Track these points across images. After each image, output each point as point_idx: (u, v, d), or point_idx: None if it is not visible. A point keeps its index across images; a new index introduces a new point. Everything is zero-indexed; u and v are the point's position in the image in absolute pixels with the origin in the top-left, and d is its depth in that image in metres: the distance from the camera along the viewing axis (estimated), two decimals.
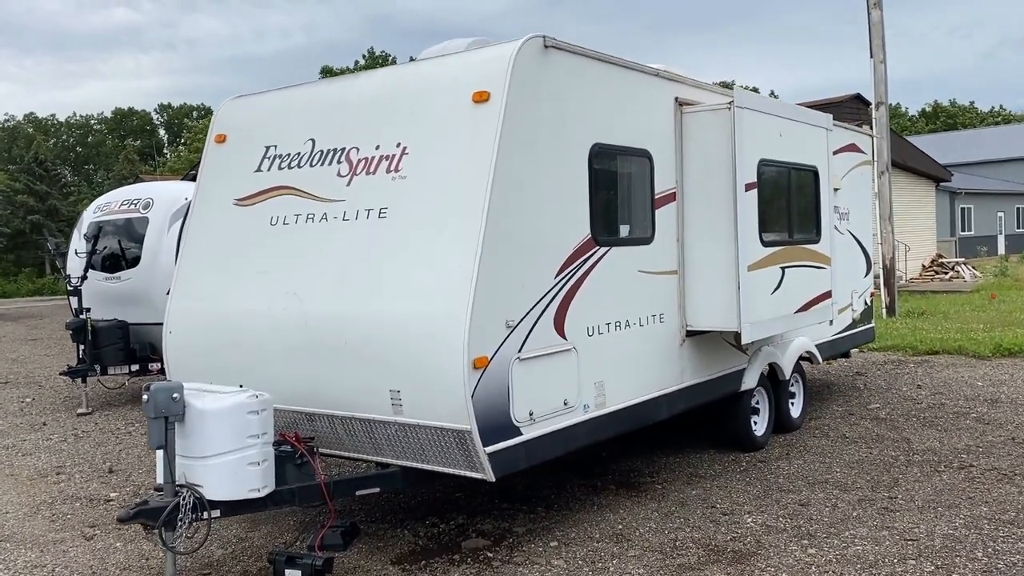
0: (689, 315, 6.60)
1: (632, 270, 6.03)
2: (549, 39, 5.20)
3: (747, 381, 7.49)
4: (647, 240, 6.22)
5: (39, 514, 6.70)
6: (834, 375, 11.56)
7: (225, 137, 6.35)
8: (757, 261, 6.67)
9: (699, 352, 6.79)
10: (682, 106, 6.57)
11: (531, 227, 5.11)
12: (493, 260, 4.78)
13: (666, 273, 6.41)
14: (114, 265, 11.38)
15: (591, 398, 5.58)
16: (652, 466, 7.34)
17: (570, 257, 5.40)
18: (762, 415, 7.96)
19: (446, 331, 4.70)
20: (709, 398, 7.05)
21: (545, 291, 5.19)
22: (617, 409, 5.83)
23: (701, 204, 6.52)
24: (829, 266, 7.94)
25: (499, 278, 4.84)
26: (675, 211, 6.50)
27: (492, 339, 4.79)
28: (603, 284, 5.68)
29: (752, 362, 7.56)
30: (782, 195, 7.27)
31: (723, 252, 6.44)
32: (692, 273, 6.57)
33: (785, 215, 7.33)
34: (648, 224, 6.26)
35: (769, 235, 6.92)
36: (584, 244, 5.52)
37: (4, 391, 12.71)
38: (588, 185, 5.56)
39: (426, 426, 4.89)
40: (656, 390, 6.28)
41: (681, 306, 6.55)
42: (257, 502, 4.83)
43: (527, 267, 5.07)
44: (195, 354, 6.08)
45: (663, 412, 6.41)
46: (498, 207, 4.82)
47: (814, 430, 8.50)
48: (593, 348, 5.58)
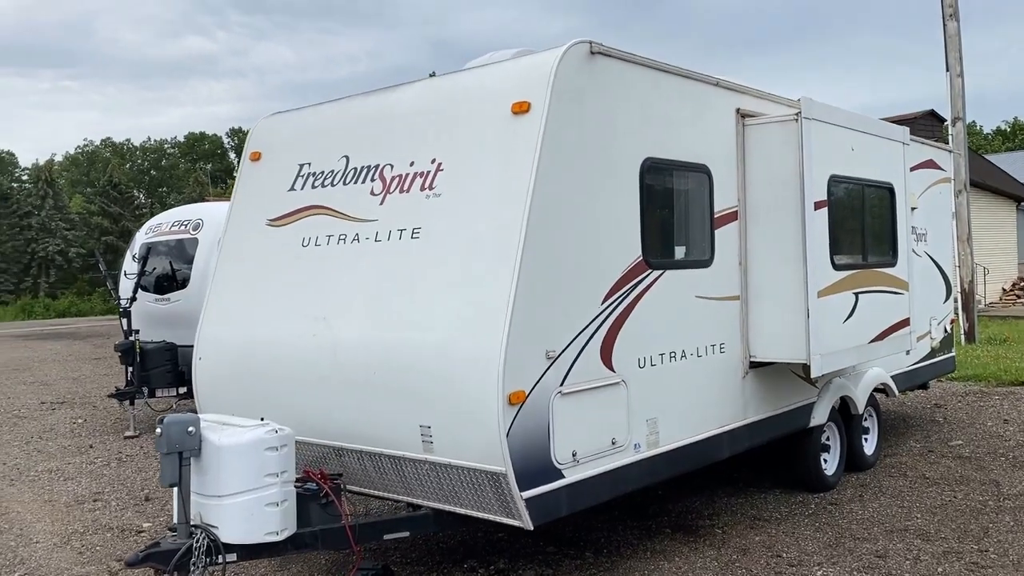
0: (753, 345, 6.06)
1: (689, 296, 5.54)
2: (596, 45, 4.78)
3: (816, 416, 6.89)
4: (706, 263, 5.73)
5: (68, 545, 6.47)
6: (910, 407, 10.79)
7: (260, 155, 6.09)
8: (828, 286, 6.10)
9: (764, 385, 6.24)
10: (744, 118, 6.07)
11: (575, 248, 4.68)
12: (532, 285, 4.36)
13: (727, 299, 5.89)
14: (164, 286, 11.29)
15: (643, 437, 5.09)
16: (711, 507, 6.78)
17: (619, 281, 4.94)
18: (832, 453, 7.34)
19: (478, 362, 4.28)
20: (775, 435, 6.48)
21: (591, 319, 4.74)
22: (672, 449, 5.33)
23: (766, 224, 6.00)
24: (907, 291, 7.31)
25: (538, 304, 4.41)
26: (737, 232, 5.99)
27: (530, 372, 4.36)
28: (656, 311, 5.21)
29: (822, 396, 6.96)
30: (855, 214, 6.69)
31: (790, 276, 5.90)
32: (756, 299, 6.04)
33: (858, 236, 6.74)
34: (707, 246, 5.76)
35: (841, 258, 6.35)
36: (635, 267, 5.06)
37: (60, 412, 12.74)
38: (639, 203, 5.10)
39: (458, 466, 4.47)
40: (716, 427, 5.76)
41: (744, 335, 6.03)
42: (276, 546, 4.47)
43: (570, 292, 4.64)
44: (224, 382, 5.78)
45: (724, 451, 5.88)
46: (538, 227, 4.40)
47: (890, 469, 7.82)
48: (645, 381, 5.10)
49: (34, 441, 10.52)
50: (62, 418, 12.15)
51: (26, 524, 7.02)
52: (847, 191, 6.54)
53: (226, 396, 5.71)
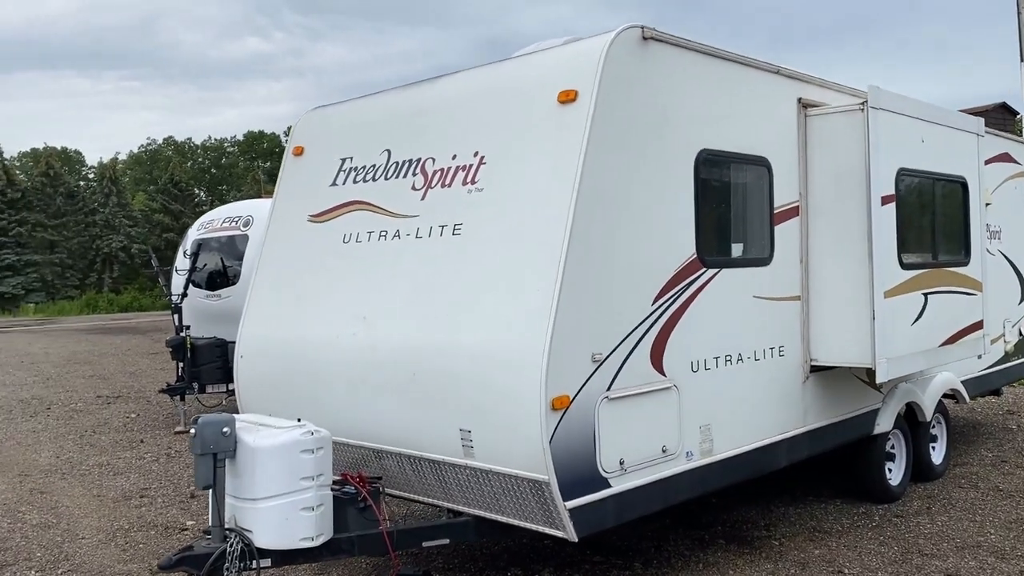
0: (814, 348, 5.74)
1: (746, 296, 5.25)
2: (648, 29, 4.53)
3: (881, 423, 6.53)
4: (764, 261, 5.43)
5: (113, 542, 6.44)
6: (981, 413, 10.27)
7: (303, 150, 5.96)
8: (895, 286, 5.75)
9: (825, 390, 5.91)
10: (806, 108, 5.74)
11: (624, 245, 4.43)
12: (577, 283, 4.13)
13: (787, 299, 5.58)
14: (214, 282, 11.32)
15: (695, 444, 4.83)
16: (768, 517, 6.47)
17: (671, 280, 4.68)
18: (898, 461, 6.96)
19: (520, 365, 4.07)
20: (836, 443, 6.14)
21: (640, 320, 4.50)
22: (727, 457, 5.05)
23: (829, 220, 5.67)
24: (980, 292, 6.88)
25: (585, 304, 4.18)
26: (798, 228, 5.68)
27: (575, 375, 4.13)
28: (711, 312, 4.93)
29: (887, 401, 6.59)
30: (925, 210, 6.31)
31: (855, 276, 5.56)
32: (818, 299, 5.71)
33: (928, 233, 6.36)
34: (766, 243, 5.46)
35: (909, 256, 5.98)
36: (688, 265, 4.80)
37: (114, 406, 12.89)
38: (693, 197, 4.84)
39: (499, 473, 4.26)
40: (774, 434, 5.45)
41: (805, 337, 5.71)
42: (312, 552, 4.33)
43: (619, 292, 4.40)
44: (265, 381, 5.67)
45: (782, 459, 5.57)
46: (584, 222, 4.17)
47: (960, 479, 7.40)
48: (698, 386, 4.84)
49: (88, 435, 10.63)
50: (116, 412, 12.29)
51: (74, 519, 7.03)
52: (917, 185, 6.16)
53: (267, 395, 5.60)
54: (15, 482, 8.27)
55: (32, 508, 7.36)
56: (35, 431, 10.95)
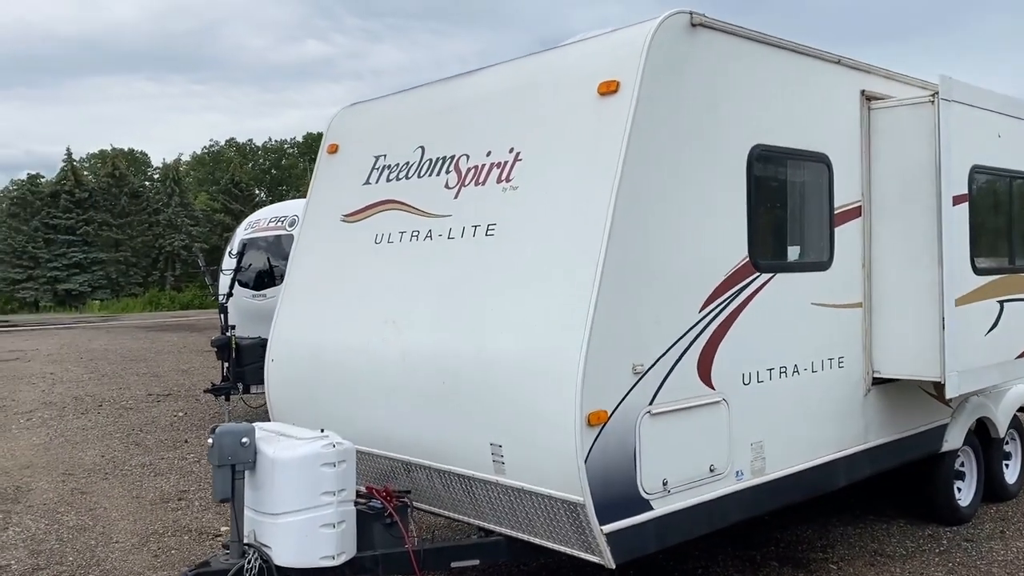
0: (877, 359, 5.33)
1: (803, 302, 4.88)
2: (697, 16, 4.19)
3: (950, 440, 6.07)
4: (823, 265, 5.04)
5: (145, 547, 6.33)
6: None
7: (337, 147, 5.76)
8: (968, 293, 5.31)
9: (889, 404, 5.49)
10: (870, 100, 5.33)
11: (669, 248, 4.11)
12: (617, 289, 3.83)
13: (848, 306, 5.19)
14: (260, 282, 11.25)
15: (746, 463, 4.48)
16: (826, 537, 6.06)
17: (721, 286, 4.35)
18: (968, 481, 6.48)
19: (554, 377, 3.78)
20: (900, 460, 5.71)
21: (686, 328, 4.17)
22: (780, 476, 4.68)
23: (894, 221, 5.26)
24: None
25: (625, 312, 3.88)
26: (860, 230, 5.28)
27: (614, 388, 3.83)
28: (765, 320, 4.58)
29: (957, 416, 6.13)
30: (1002, 211, 5.84)
31: (923, 281, 5.14)
32: (882, 307, 5.30)
33: (1005, 236, 5.89)
34: (825, 245, 5.07)
35: (984, 261, 5.53)
36: (740, 270, 4.45)
37: (164, 404, 12.94)
38: (746, 196, 4.49)
39: (531, 492, 3.98)
40: (832, 452, 5.07)
41: (867, 347, 5.30)
42: (333, 571, 4.10)
43: (662, 298, 4.08)
44: (295, 387, 5.48)
45: (840, 479, 5.18)
46: (625, 223, 3.86)
47: None
48: (750, 400, 4.48)
49: (135, 434, 10.65)
50: (164, 411, 12.33)
51: (110, 522, 6.96)
52: (993, 184, 5.69)
53: (296, 402, 5.41)
54: (58, 482, 8.26)
55: (71, 509, 7.31)
56: (84, 428, 11.02)
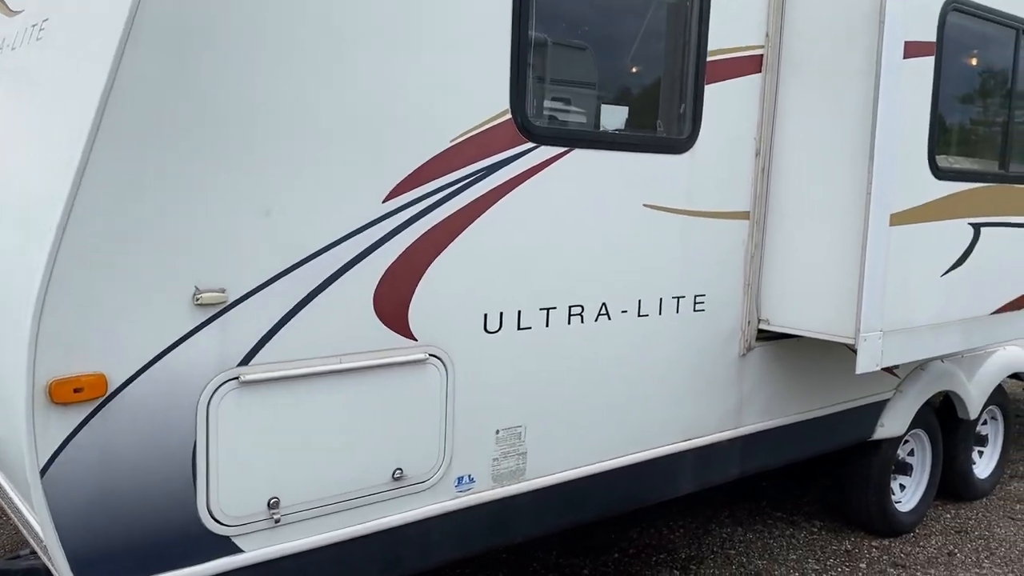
0: (767, 303, 3.43)
1: (628, 202, 2.95)
2: None
3: (888, 423, 4.21)
4: (677, 144, 3.09)
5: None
6: None
7: None
8: (917, 208, 3.34)
9: (785, 370, 3.62)
10: None
11: (279, 83, 2.19)
12: (130, 148, 1.93)
13: (721, 215, 3.26)
14: None
15: (483, 463, 2.65)
16: (698, 543, 4.30)
17: (435, 162, 2.43)
18: (916, 476, 4.65)
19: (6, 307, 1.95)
20: (802, 454, 3.87)
21: (349, 231, 2.29)
22: (555, 483, 2.86)
23: (815, 83, 3.27)
24: None
25: (157, 188, 1.99)
26: (756, 94, 3.30)
27: (131, 331, 1.98)
28: (539, 225, 2.69)
29: (904, 390, 4.25)
30: (993, 83, 3.80)
31: (844, 183, 3.18)
32: (783, 221, 3.37)
33: (996, 124, 3.86)
34: (683, 112, 3.11)
35: (952, 160, 3.55)
36: (486, 135, 2.52)
37: None
38: (513, 7, 2.52)
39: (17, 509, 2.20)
40: (670, 443, 3.22)
41: (751, 284, 3.39)
42: None
43: (283, 171, 2.17)
44: None
45: (684, 483, 3.34)
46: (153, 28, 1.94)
47: (1012, 502, 5.06)
48: (498, 359, 2.63)
49: None
50: None
51: None
52: (981, 36, 3.64)
53: None
54: None
55: None
56: None
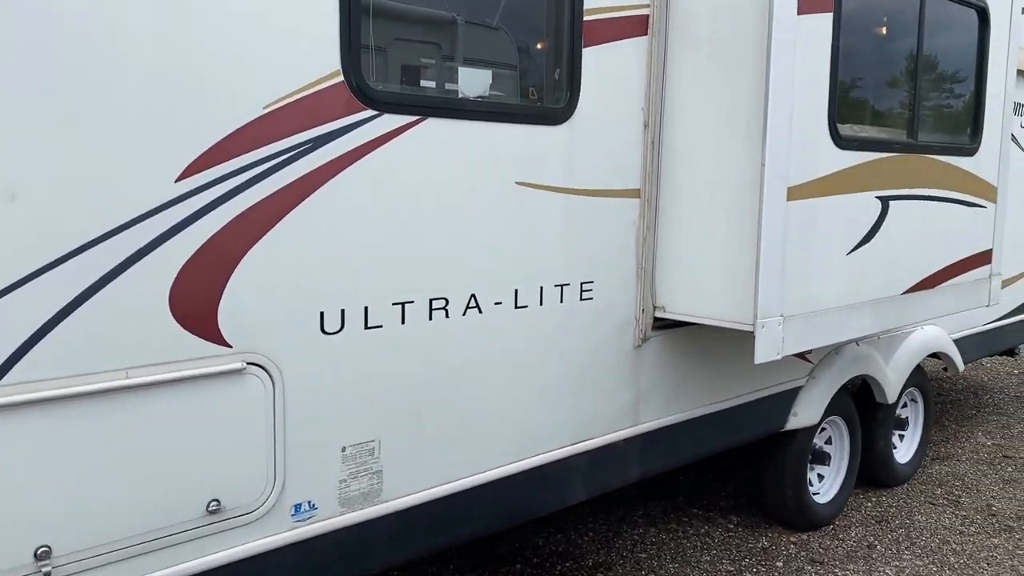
0: (662, 289, 3.12)
1: (497, 178, 2.61)
2: None
3: (802, 412, 3.97)
4: (553, 115, 2.76)
5: None
6: (987, 371, 7.67)
7: None
8: (817, 180, 3.07)
9: (687, 361, 3.33)
10: None
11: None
12: None
13: (607, 193, 2.94)
14: None
15: (326, 486, 2.29)
16: (607, 548, 4.00)
17: (252, 129, 2.06)
18: (834, 465, 4.43)
19: None
20: (709, 450, 3.60)
21: (130, 218, 1.90)
22: (422, 503, 2.51)
23: (700, 45, 2.97)
24: (993, 203, 4.18)
25: None
26: (643, 58, 2.98)
27: None
28: (387, 205, 2.34)
29: (817, 376, 4.01)
30: (898, 43, 3.55)
31: (736, 156, 2.89)
32: (676, 199, 3.06)
33: (903, 93, 3.62)
34: (559, 77, 2.78)
35: (856, 128, 3.29)
36: (312, 98, 2.15)
37: None
38: None
39: None
40: (558, 446, 2.90)
41: (644, 268, 3.08)
42: None
43: (42, 133, 1.78)
44: None
45: (577, 490, 3.03)
46: None
47: (934, 487, 4.89)
48: (342, 364, 2.27)
49: None
50: None
51: None
52: None
53: None
54: None
55: None
56: None
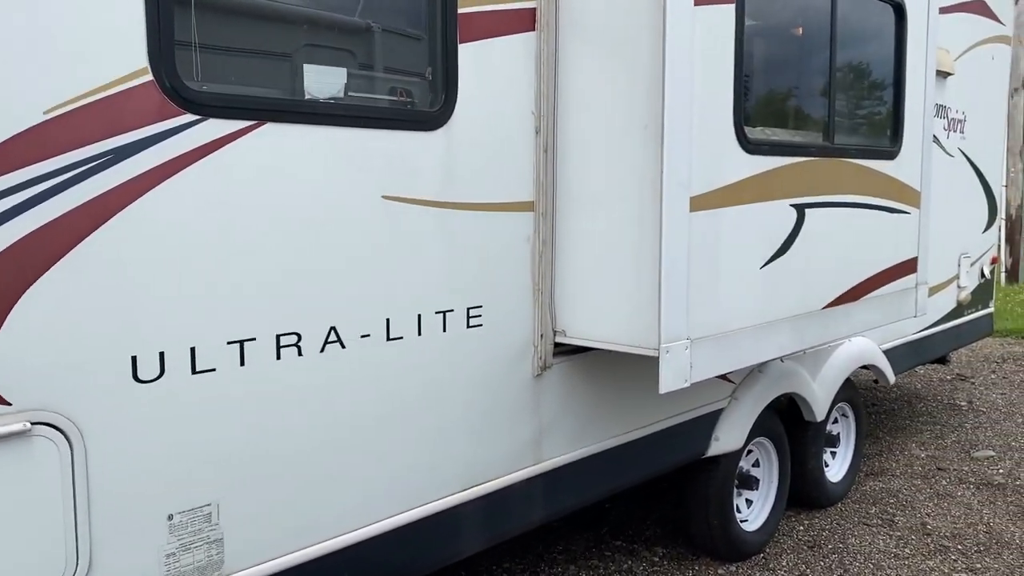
0: (563, 312, 2.82)
1: (359, 192, 2.28)
2: None
3: (724, 436, 3.70)
4: (426, 119, 2.44)
5: None
6: (920, 379, 7.55)
7: None
8: (725, 188, 2.80)
9: (592, 389, 3.02)
10: None
11: None
12: None
13: (493, 207, 2.63)
14: None
15: (148, 562, 1.93)
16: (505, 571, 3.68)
17: (29, 140, 1.70)
18: (762, 490, 4.17)
19: None
20: (626, 483, 3.30)
21: None
22: (274, 572, 2.16)
23: (593, 41, 2.68)
24: (916, 208, 3.97)
25: None
26: (529, 56, 2.68)
27: None
28: (211, 226, 1.99)
29: (740, 397, 3.75)
30: (811, 46, 3.32)
31: (633, 161, 2.60)
32: (574, 212, 2.77)
33: (817, 93, 3.38)
34: (433, 76, 2.46)
35: (766, 131, 3.04)
36: (113, 101, 1.80)
37: None
38: None
39: None
40: (443, 495, 2.57)
41: (539, 289, 2.77)
42: None
43: None
44: None
45: (472, 540, 2.70)
46: None
47: (868, 504, 4.67)
48: (158, 416, 1.91)
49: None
50: None
51: None
52: None
53: None
54: None
55: None
56: None
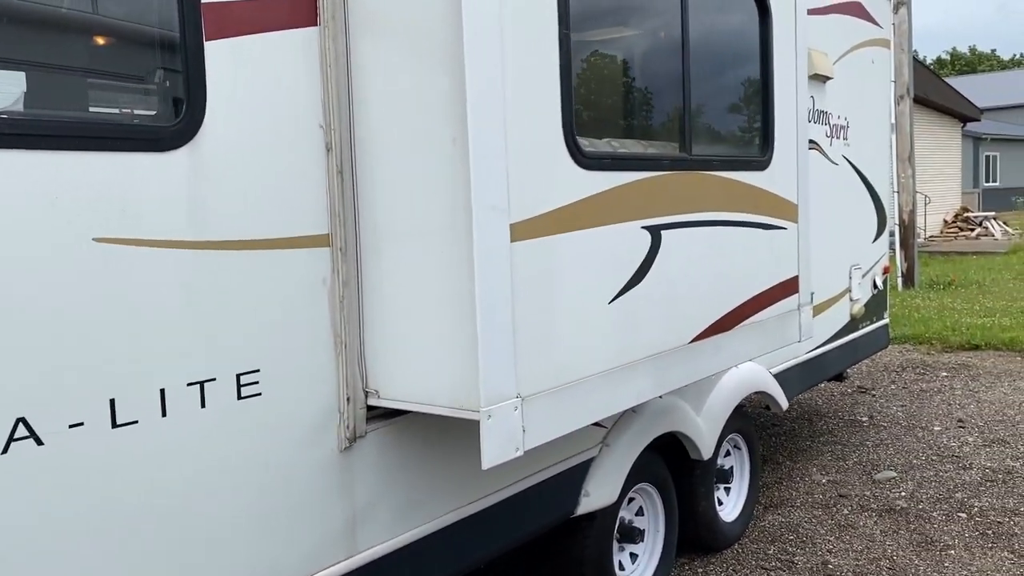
0: (375, 368, 2.31)
1: (52, 237, 1.73)
2: None
3: (595, 491, 3.24)
4: (158, 133, 1.91)
5: None
6: (821, 393, 7.32)
7: None
8: (556, 212, 2.34)
9: (420, 457, 2.52)
10: None
11: None
12: None
13: (267, 244, 2.11)
14: None
15: None
16: None
17: None
18: (648, 543, 3.74)
19: None
20: (474, 563, 2.79)
21: None
22: None
23: (389, 38, 2.20)
24: (793, 223, 3.61)
25: None
26: (310, 56, 2.19)
27: None
28: None
29: (611, 444, 3.30)
30: (661, 45, 2.90)
31: (442, 182, 2.12)
32: (379, 245, 2.27)
33: (672, 99, 2.97)
34: (147, 76, 1.94)
35: (614, 142, 2.61)
36: None
37: None
38: None
39: None
40: None
41: (346, 344, 2.26)
42: None
43: None
44: None
45: None
46: None
47: (766, 544, 4.30)
48: None
49: None
50: None
51: None
52: None
53: None
54: None
55: None
56: None
